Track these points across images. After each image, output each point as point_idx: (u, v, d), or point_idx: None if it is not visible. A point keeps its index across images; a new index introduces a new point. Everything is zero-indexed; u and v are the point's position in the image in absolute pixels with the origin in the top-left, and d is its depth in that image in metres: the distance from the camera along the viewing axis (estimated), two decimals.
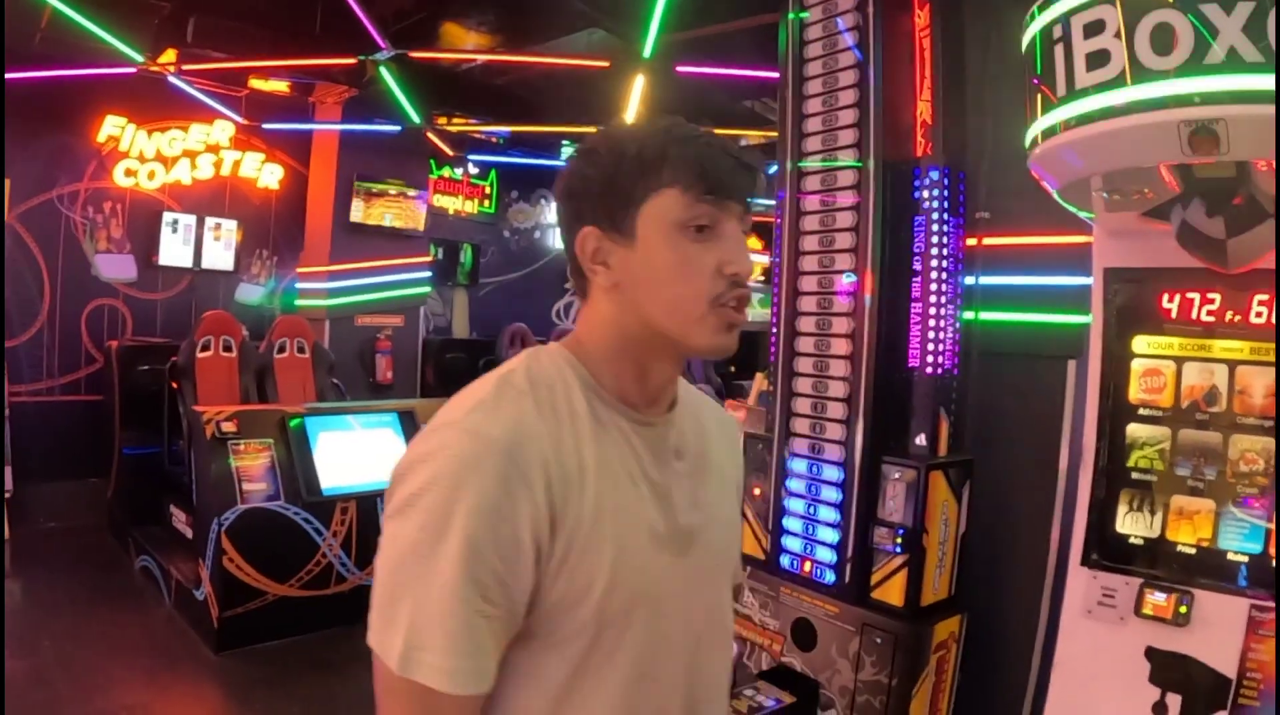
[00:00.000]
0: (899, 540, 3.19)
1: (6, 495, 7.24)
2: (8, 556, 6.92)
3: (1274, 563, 2.39)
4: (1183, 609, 2.45)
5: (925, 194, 3.29)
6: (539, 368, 1.28)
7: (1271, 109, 1.73)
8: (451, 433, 1.16)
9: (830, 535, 3.39)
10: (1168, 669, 2.46)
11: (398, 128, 8.57)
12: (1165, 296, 2.60)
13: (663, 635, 1.28)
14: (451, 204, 10.79)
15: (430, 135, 9.17)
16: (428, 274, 10.01)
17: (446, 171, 10.64)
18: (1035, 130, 2.28)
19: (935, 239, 3.27)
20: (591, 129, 1.44)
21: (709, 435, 1.47)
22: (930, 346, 3.28)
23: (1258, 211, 2.10)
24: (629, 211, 1.23)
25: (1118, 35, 1.97)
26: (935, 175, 3.27)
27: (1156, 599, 2.49)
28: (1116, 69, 1.98)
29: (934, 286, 3.27)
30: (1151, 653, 2.48)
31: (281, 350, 7.85)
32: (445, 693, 1.10)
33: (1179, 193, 2.19)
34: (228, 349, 7.49)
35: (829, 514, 3.39)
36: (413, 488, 1.13)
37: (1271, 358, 2.43)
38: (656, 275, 1.24)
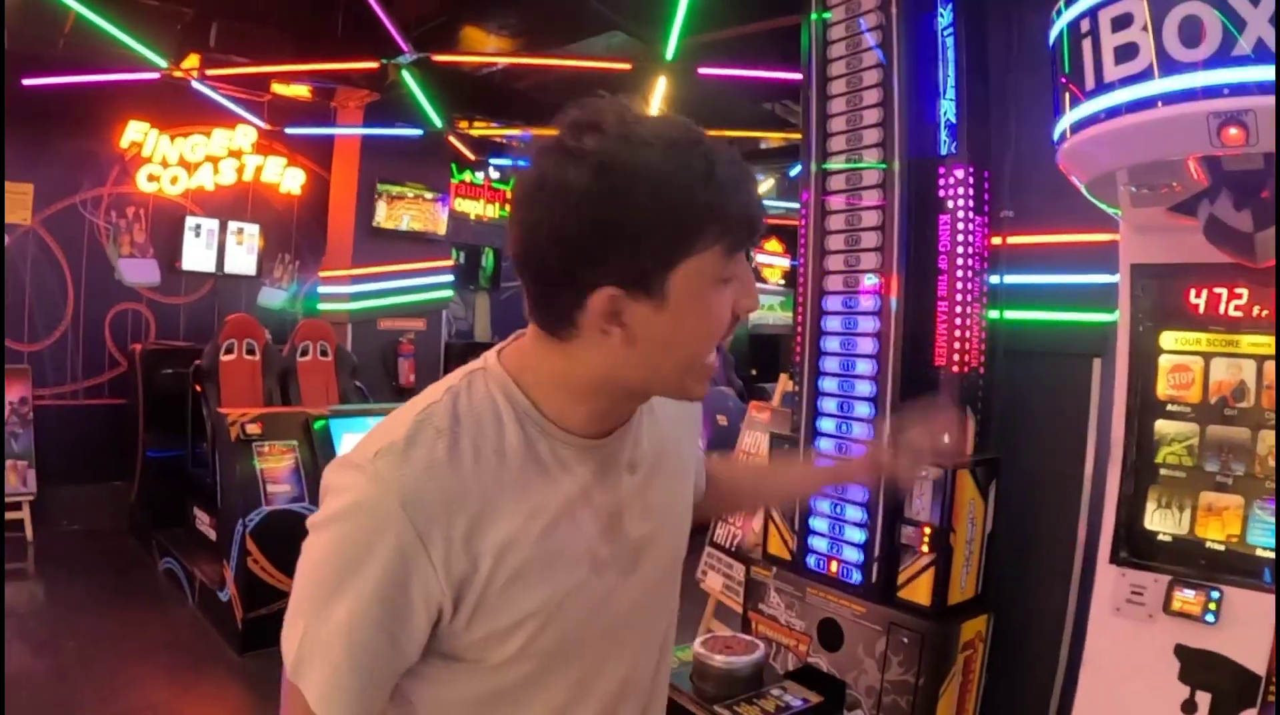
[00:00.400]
0: (926, 539, 3.19)
1: (31, 497, 7.31)
2: (32, 558, 6.99)
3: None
4: (1212, 606, 2.43)
5: (950, 193, 3.28)
6: (469, 399, 1.18)
7: None
8: (358, 476, 1.10)
9: (857, 535, 3.39)
10: (1197, 667, 2.45)
11: (419, 132, 8.60)
12: (1193, 292, 2.58)
13: (603, 654, 1.27)
14: (473, 208, 10.83)
15: (452, 139, 9.21)
16: (450, 278, 10.05)
17: (468, 176, 10.67)
18: (1063, 125, 2.28)
19: (960, 238, 3.26)
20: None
21: (662, 416, 1.38)
22: (956, 345, 3.27)
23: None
24: (664, 272, 1.08)
25: (1145, 28, 1.97)
26: (960, 174, 3.26)
27: (1185, 596, 2.48)
28: (1144, 62, 1.97)
29: (959, 285, 3.27)
30: (1181, 650, 2.47)
31: (304, 353, 7.88)
32: None
33: (1207, 186, 2.18)
34: (251, 352, 7.53)
35: (855, 513, 3.39)
36: (324, 514, 1.11)
37: None
38: (682, 335, 1.12)
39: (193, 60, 7.26)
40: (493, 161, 10.72)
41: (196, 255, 8.70)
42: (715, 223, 1.07)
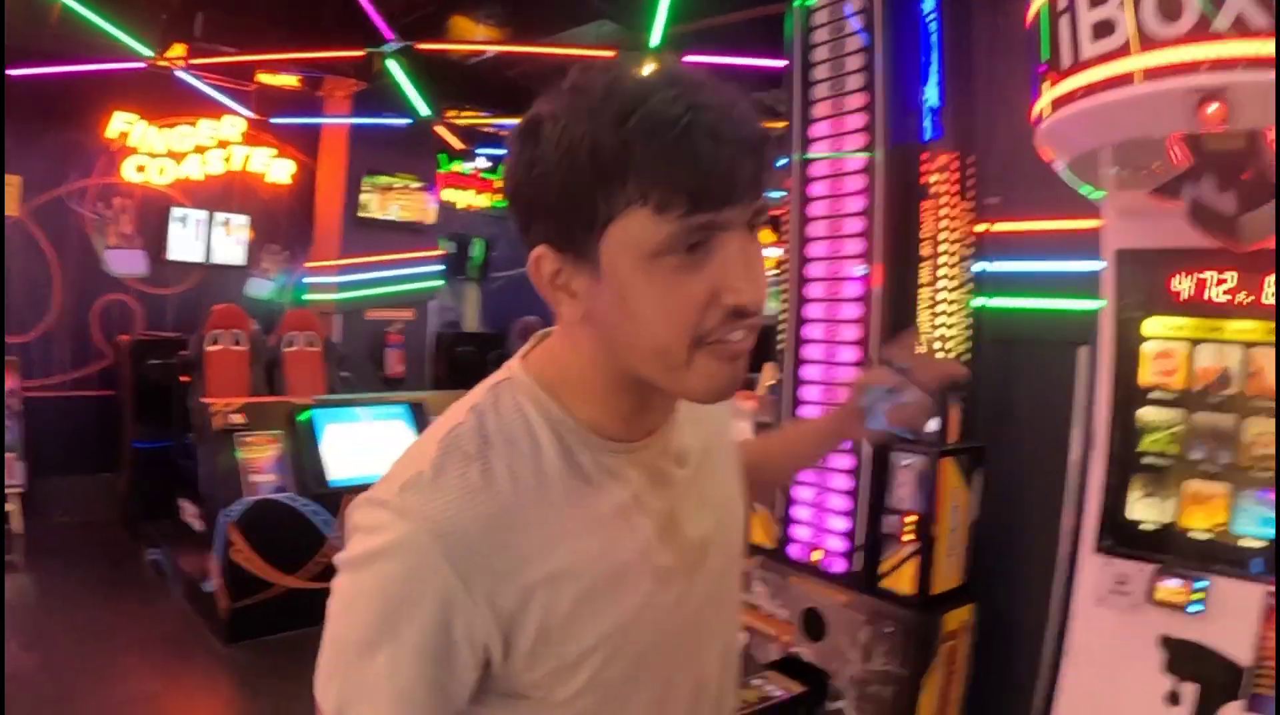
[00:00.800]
0: (909, 528, 3.16)
1: (20, 490, 7.27)
2: (22, 550, 6.96)
3: (1275, 546, 2.34)
4: (1197, 596, 2.40)
5: (934, 179, 3.26)
6: (497, 417, 1.06)
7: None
8: (385, 514, 0.99)
9: (840, 523, 3.37)
10: (1182, 658, 2.42)
11: (406, 121, 8.55)
12: (1177, 277, 2.55)
13: (676, 665, 1.15)
14: (462, 198, 10.77)
15: (438, 129, 9.15)
16: (439, 268, 10.01)
17: (457, 166, 10.60)
18: (1041, 104, 2.23)
19: (944, 224, 3.24)
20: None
21: (703, 408, 1.23)
22: (939, 332, 3.25)
23: (1269, 187, 2.06)
24: (589, 234, 0.95)
25: (1122, 5, 1.93)
26: (943, 160, 3.24)
27: (1170, 586, 2.45)
28: (1122, 38, 1.93)
29: (943, 272, 3.25)
30: (1165, 641, 2.44)
31: (291, 344, 7.86)
32: None
33: (1189, 167, 2.14)
34: (237, 343, 7.50)
35: (839, 502, 3.37)
36: (353, 554, 1.01)
37: None
38: (631, 316, 0.97)
39: (178, 49, 7.20)
40: (481, 151, 10.65)
41: (183, 246, 8.68)
42: (633, 176, 0.91)
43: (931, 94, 3.26)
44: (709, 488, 1.22)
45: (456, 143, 9.83)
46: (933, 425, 3.25)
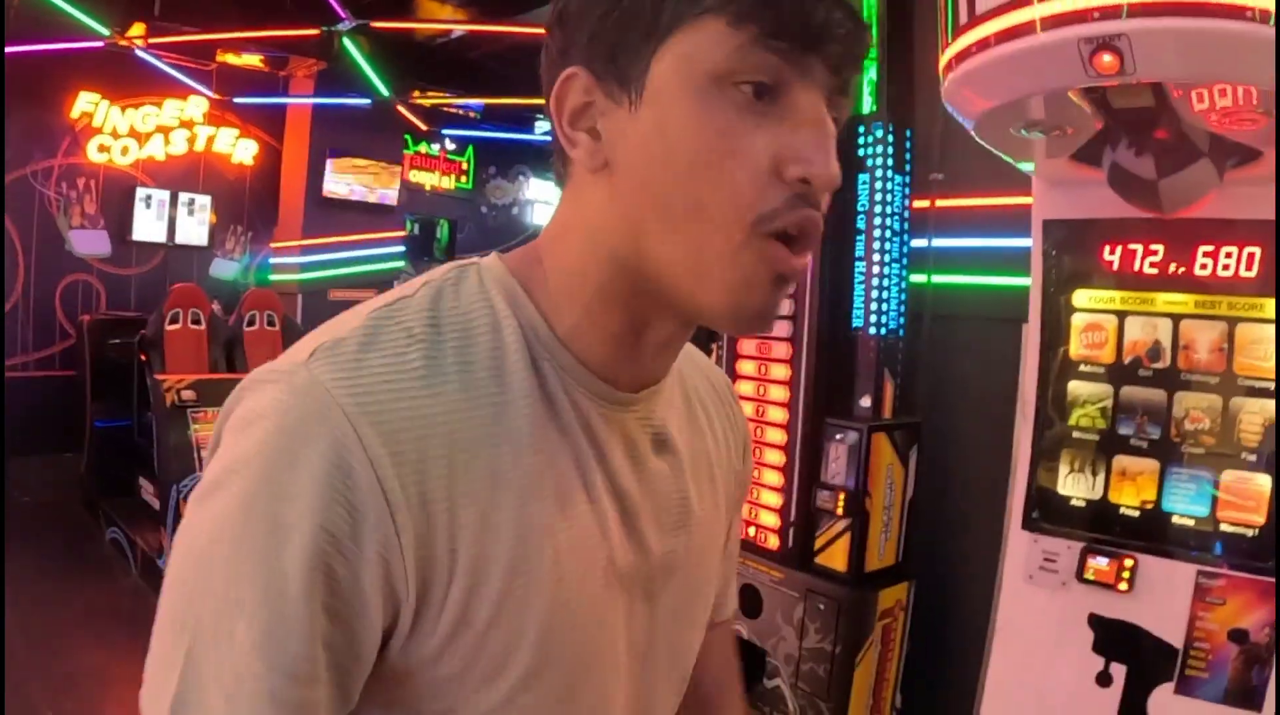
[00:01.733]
0: (840, 504, 3.13)
1: None
2: None
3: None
4: (1125, 574, 2.36)
5: (870, 152, 3.22)
6: (456, 302, 0.79)
7: (1178, 22, 1.62)
8: (276, 392, 0.70)
9: (773, 499, 3.34)
10: (1112, 638, 2.38)
11: (367, 101, 8.49)
12: (1107, 248, 2.50)
13: (607, 704, 0.85)
14: (428, 180, 10.69)
15: (401, 109, 9.09)
16: (402, 249, 10.02)
17: (423, 147, 10.53)
18: (943, 63, 2.16)
19: (879, 198, 3.20)
20: None
21: (700, 410, 0.99)
22: (874, 307, 3.21)
23: (1189, 149, 2.01)
24: (644, 47, 0.73)
25: None
26: (880, 133, 3.20)
27: (1099, 564, 2.41)
28: None
29: (878, 245, 3.21)
30: (1095, 620, 2.40)
31: (251, 323, 7.77)
32: None
33: (1103, 129, 2.09)
34: (196, 322, 7.42)
35: (772, 477, 3.34)
36: (215, 469, 0.71)
37: (1216, 312, 2.34)
38: (669, 158, 0.73)
39: (138, 29, 7.13)
40: (449, 133, 10.57)
41: (147, 226, 8.60)
42: None
43: (868, 66, 3.22)
44: (691, 500, 0.93)
45: (421, 124, 9.78)
46: (865, 401, 3.23)
